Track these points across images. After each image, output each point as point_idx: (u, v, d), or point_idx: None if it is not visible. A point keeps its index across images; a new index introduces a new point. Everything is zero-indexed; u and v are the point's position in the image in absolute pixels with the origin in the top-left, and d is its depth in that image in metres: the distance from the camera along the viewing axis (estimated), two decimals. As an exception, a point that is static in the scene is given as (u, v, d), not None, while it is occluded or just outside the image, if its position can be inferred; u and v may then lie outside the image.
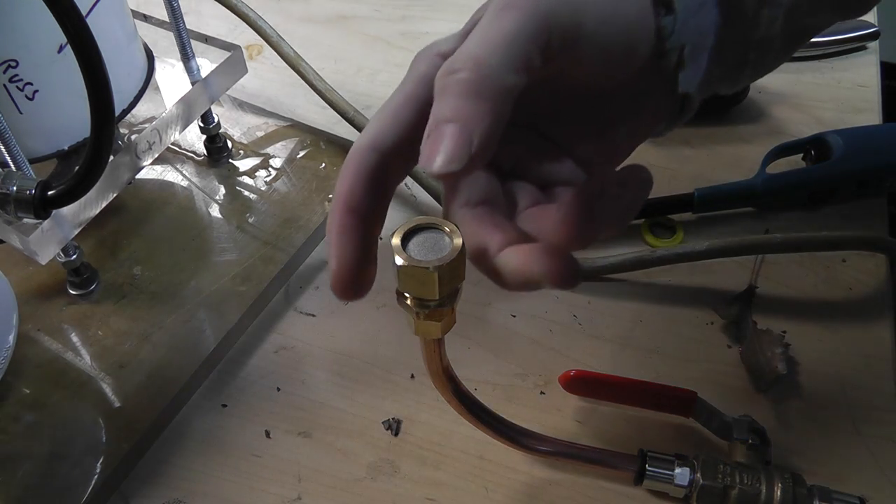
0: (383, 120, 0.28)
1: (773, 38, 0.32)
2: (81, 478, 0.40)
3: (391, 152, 0.28)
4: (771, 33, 0.32)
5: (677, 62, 0.30)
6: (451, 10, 0.71)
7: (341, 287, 0.27)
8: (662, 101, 0.32)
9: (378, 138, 0.28)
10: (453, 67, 0.24)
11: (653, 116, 0.33)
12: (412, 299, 0.27)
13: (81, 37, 0.32)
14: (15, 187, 0.38)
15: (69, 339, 0.46)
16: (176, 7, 0.48)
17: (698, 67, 0.31)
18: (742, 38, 0.32)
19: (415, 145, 0.27)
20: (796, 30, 0.34)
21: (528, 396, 0.44)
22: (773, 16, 0.31)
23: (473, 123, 0.24)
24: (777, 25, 0.32)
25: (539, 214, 0.31)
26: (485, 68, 0.24)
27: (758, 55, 0.33)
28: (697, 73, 0.31)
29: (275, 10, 0.72)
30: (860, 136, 0.51)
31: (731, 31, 0.31)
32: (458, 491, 0.40)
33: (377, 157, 0.28)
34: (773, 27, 0.32)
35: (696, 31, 0.30)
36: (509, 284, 0.28)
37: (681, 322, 0.47)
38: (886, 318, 0.46)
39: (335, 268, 0.27)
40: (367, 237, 0.28)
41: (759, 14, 0.31)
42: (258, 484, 0.41)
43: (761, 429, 0.39)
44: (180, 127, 0.48)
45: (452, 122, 0.24)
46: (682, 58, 0.30)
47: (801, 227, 0.50)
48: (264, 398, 0.45)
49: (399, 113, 0.28)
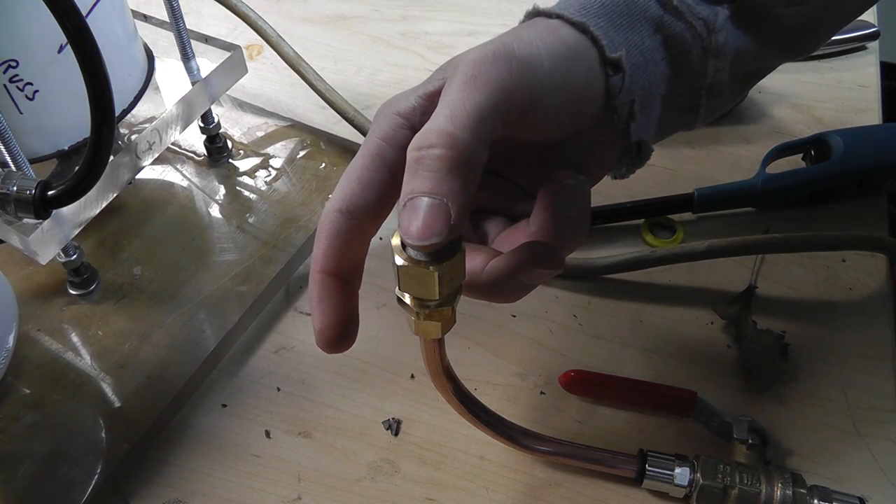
0: (350, 183, 0.29)
1: (723, 83, 0.34)
2: (81, 478, 0.40)
3: (361, 215, 0.29)
4: (719, 80, 0.33)
5: (628, 115, 0.32)
6: (451, 10, 0.71)
7: (327, 344, 0.29)
8: (616, 144, 0.34)
9: (346, 202, 0.29)
10: (427, 142, 0.25)
11: (608, 159, 0.35)
12: (412, 299, 0.27)
13: (81, 37, 0.32)
14: (15, 187, 0.38)
15: (69, 340, 0.46)
16: (176, 7, 0.48)
17: (650, 115, 0.33)
18: (691, 86, 0.33)
19: (383, 204, 0.29)
20: (746, 73, 0.35)
21: (528, 396, 0.44)
22: (719, 66, 0.33)
23: (451, 198, 0.25)
24: (724, 73, 0.33)
25: (511, 235, 0.32)
26: (459, 144, 0.25)
27: (709, 99, 0.34)
28: (651, 120, 0.33)
29: (275, 10, 0.72)
30: (860, 136, 0.51)
31: (680, 82, 0.33)
32: (458, 491, 0.40)
33: (348, 220, 0.29)
34: (721, 75, 0.33)
35: (644, 86, 0.32)
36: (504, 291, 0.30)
37: (681, 322, 0.47)
38: (886, 318, 0.46)
39: (319, 328, 0.29)
40: (347, 295, 0.29)
41: (705, 66, 0.32)
42: (258, 484, 0.41)
43: (761, 429, 0.39)
44: (180, 127, 0.48)
45: (430, 196, 0.25)
46: (632, 111, 0.32)
47: (801, 227, 0.50)
48: (264, 398, 0.45)
49: (364, 176, 0.29)
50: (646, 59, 0.31)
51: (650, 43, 0.31)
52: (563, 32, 0.30)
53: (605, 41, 0.30)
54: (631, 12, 0.31)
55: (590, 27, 0.30)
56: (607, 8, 0.31)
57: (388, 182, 0.29)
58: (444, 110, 0.26)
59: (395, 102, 0.30)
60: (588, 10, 0.31)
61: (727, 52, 0.33)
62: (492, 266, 0.29)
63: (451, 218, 0.25)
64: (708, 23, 0.32)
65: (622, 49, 0.30)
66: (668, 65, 0.32)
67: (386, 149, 0.29)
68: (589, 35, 0.30)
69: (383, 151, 0.29)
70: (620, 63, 0.30)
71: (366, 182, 0.29)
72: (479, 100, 0.26)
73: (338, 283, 0.29)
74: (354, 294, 0.30)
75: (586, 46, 0.30)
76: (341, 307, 0.29)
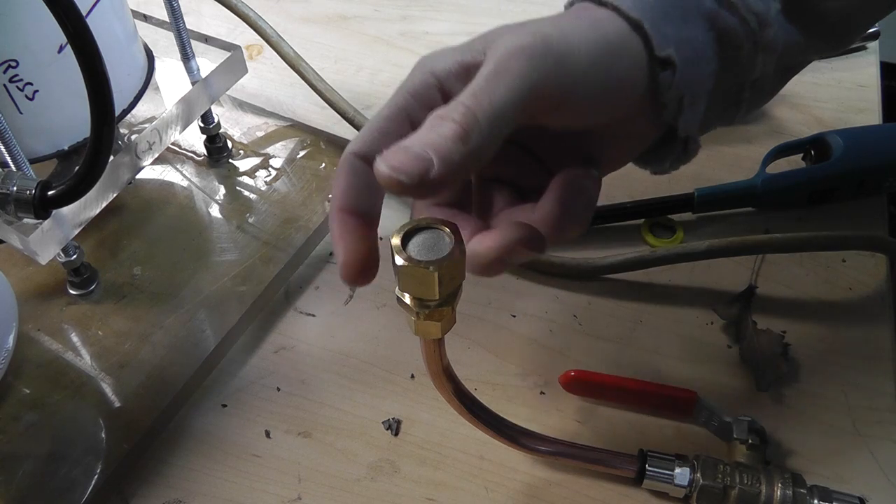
0: (372, 132, 0.30)
1: (766, 78, 0.33)
2: (81, 478, 0.40)
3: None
4: (765, 74, 0.33)
5: (677, 110, 0.31)
6: (451, 10, 0.71)
7: (350, 276, 0.29)
8: (647, 135, 0.34)
9: (364, 148, 0.29)
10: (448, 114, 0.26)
11: (634, 148, 0.35)
12: (412, 299, 0.27)
13: (81, 37, 0.32)
14: (15, 187, 0.38)
15: (69, 339, 0.46)
16: (176, 7, 0.48)
17: (696, 111, 0.32)
18: (737, 80, 0.33)
19: None
20: (787, 67, 0.35)
21: (528, 396, 0.44)
22: (767, 61, 0.33)
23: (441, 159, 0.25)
24: (770, 67, 0.33)
25: (514, 215, 0.32)
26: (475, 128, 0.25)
27: (752, 94, 0.34)
28: (696, 116, 0.32)
29: (275, 10, 0.72)
30: (860, 136, 0.51)
31: (728, 76, 0.32)
32: (458, 491, 0.40)
33: (364, 164, 0.29)
34: (767, 69, 0.33)
35: (694, 81, 0.31)
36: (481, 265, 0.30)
37: (681, 322, 0.47)
38: (886, 318, 0.46)
39: (342, 260, 0.29)
40: (365, 231, 0.29)
41: (754, 60, 0.32)
42: (258, 484, 0.41)
43: (761, 429, 0.39)
44: (180, 127, 0.48)
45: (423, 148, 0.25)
46: (681, 106, 0.31)
47: (801, 227, 0.50)
48: (264, 398, 0.45)
49: (386, 127, 0.30)
50: (697, 55, 0.31)
51: (703, 37, 0.31)
52: (609, 28, 0.29)
53: (657, 39, 0.30)
54: (686, 4, 0.31)
55: (644, 24, 0.29)
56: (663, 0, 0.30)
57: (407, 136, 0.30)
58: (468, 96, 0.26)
59: (435, 59, 0.30)
60: (643, 4, 0.30)
61: (777, 46, 0.32)
62: (477, 240, 0.29)
63: (429, 173, 0.25)
64: (761, 17, 0.31)
65: (672, 45, 0.30)
66: (719, 60, 0.32)
67: (413, 104, 0.30)
68: (641, 32, 0.30)
69: (409, 106, 0.30)
70: (670, 59, 0.30)
71: (386, 133, 0.29)
72: (505, 95, 0.26)
73: (356, 220, 0.29)
74: (373, 231, 0.30)
75: (634, 44, 0.30)
76: (362, 242, 0.29)
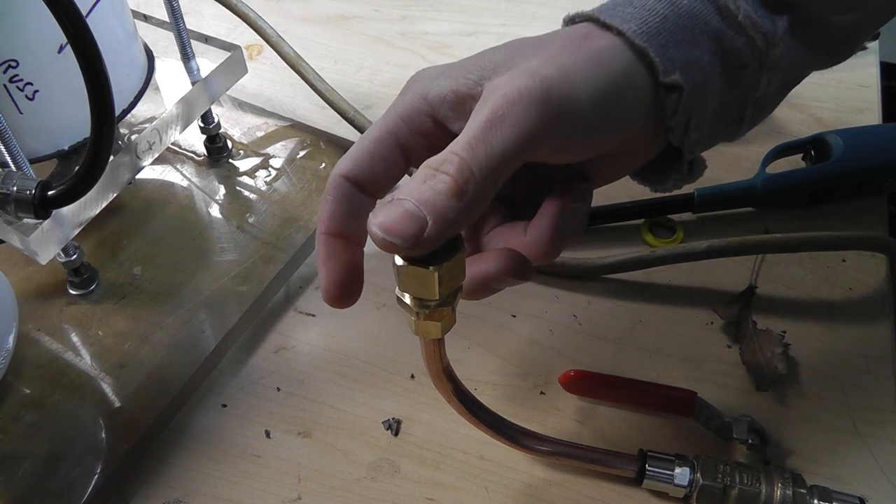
0: (361, 154, 0.30)
1: (769, 95, 0.33)
2: (81, 478, 0.40)
3: (366, 186, 0.30)
4: (768, 91, 0.33)
5: (683, 133, 0.31)
6: (451, 10, 0.71)
7: (331, 300, 0.30)
8: (646, 155, 0.33)
9: (352, 171, 0.30)
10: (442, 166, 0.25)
11: (630, 167, 0.34)
12: (412, 299, 0.27)
13: (81, 37, 0.32)
14: (15, 187, 0.38)
15: (69, 339, 0.46)
16: (176, 7, 0.48)
17: (702, 132, 0.32)
18: (741, 98, 0.33)
19: (388, 179, 0.30)
20: (789, 83, 0.35)
21: (528, 396, 0.44)
22: (772, 79, 0.32)
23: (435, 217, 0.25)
24: (775, 86, 0.33)
25: (505, 235, 0.33)
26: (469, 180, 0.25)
27: (754, 110, 0.33)
28: (701, 137, 0.32)
29: (275, 10, 0.72)
30: (860, 136, 0.51)
31: (732, 94, 0.32)
32: (458, 491, 0.40)
33: (352, 186, 0.30)
34: (771, 87, 0.33)
35: (701, 102, 0.31)
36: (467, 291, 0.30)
37: (681, 322, 0.47)
38: (886, 318, 0.46)
39: (324, 286, 0.30)
40: (350, 255, 0.30)
41: (759, 79, 0.32)
42: (258, 484, 0.41)
43: (761, 429, 0.39)
44: (180, 127, 0.48)
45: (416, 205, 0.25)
46: (688, 129, 0.31)
47: (801, 227, 0.50)
48: (264, 398, 0.45)
49: (375, 150, 0.30)
50: (704, 76, 0.30)
51: (709, 59, 0.30)
52: (614, 65, 0.28)
53: (662, 65, 0.29)
54: (693, 25, 0.30)
55: (650, 52, 0.29)
56: (669, 21, 0.29)
57: (396, 161, 0.30)
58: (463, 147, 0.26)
59: (429, 84, 0.30)
60: (649, 27, 0.29)
61: (783, 65, 0.32)
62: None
63: (424, 233, 0.25)
64: (768, 37, 0.30)
65: (678, 69, 0.29)
66: (724, 79, 0.31)
67: (403, 129, 0.30)
68: (646, 60, 0.29)
69: (399, 130, 0.30)
70: (677, 84, 0.29)
71: (375, 157, 0.30)
72: (502, 146, 0.26)
73: (341, 244, 0.30)
74: (359, 251, 0.30)
75: (639, 76, 0.29)
76: (345, 267, 0.30)
